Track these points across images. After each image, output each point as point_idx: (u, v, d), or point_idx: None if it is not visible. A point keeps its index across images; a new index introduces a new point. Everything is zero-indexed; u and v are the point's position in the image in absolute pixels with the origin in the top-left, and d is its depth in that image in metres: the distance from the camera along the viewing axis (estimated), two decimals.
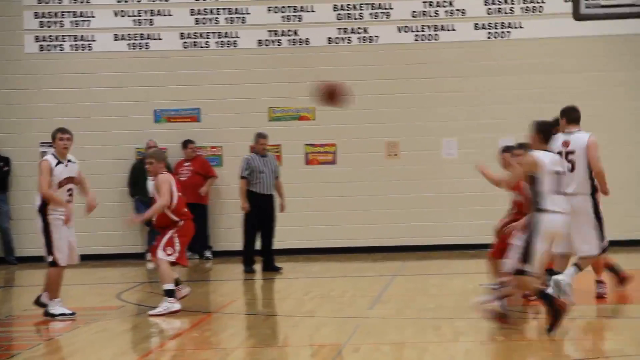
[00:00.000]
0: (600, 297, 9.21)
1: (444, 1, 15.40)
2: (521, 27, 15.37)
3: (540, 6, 15.37)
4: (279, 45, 15.34)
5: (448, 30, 15.40)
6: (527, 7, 15.48)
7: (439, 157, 14.64)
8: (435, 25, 15.45)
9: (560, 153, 8.60)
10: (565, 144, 8.77)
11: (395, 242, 14.71)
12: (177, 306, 8.97)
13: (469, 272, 12.05)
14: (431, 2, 15.39)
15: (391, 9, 15.27)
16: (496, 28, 15.55)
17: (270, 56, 15.37)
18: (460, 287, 10.70)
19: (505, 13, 15.50)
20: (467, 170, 13.74)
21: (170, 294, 9.00)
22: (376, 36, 15.28)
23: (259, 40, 15.20)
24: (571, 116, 8.94)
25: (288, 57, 15.29)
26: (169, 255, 9.30)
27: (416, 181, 15.02)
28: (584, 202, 8.76)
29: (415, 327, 8.19)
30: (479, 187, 13.37)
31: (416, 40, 15.30)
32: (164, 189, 9.32)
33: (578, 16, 13.03)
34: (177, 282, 9.28)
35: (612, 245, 10.38)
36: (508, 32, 15.51)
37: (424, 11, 15.40)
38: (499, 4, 15.53)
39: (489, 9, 15.56)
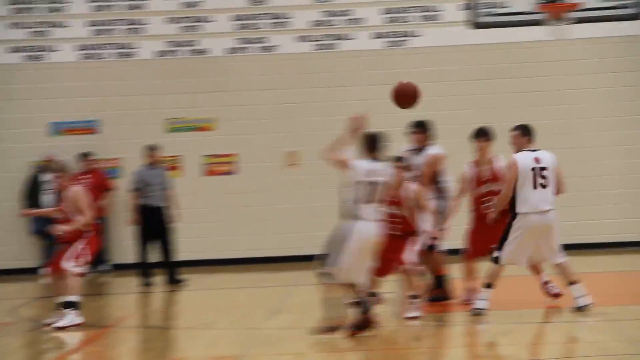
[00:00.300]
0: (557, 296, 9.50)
1: (342, 11, 15.50)
2: (418, 36, 15.55)
3: (437, 15, 15.55)
4: (177, 56, 15.49)
5: (346, 39, 15.52)
6: (424, 15, 15.65)
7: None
8: (333, 34, 15.57)
9: (534, 169, 8.91)
10: (537, 160, 8.97)
11: (295, 252, 14.83)
12: (80, 319, 8.99)
13: None
14: (329, 11, 15.53)
15: (289, 18, 15.43)
16: (394, 37, 15.64)
17: (169, 67, 15.46)
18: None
19: (403, 22, 15.66)
20: None
21: (75, 306, 8.99)
22: (275, 46, 15.41)
23: (158, 51, 15.33)
24: (529, 133, 9.13)
25: (187, 68, 15.42)
26: (78, 267, 9.23)
27: (317, 190, 15.05)
28: (555, 217, 9.03)
29: (314, 338, 8.23)
30: None
31: (315, 49, 15.45)
32: (84, 202, 9.30)
33: (475, 25, 13.73)
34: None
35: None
36: (405, 40, 15.65)
37: (323, 20, 15.52)
38: (396, 14, 15.64)
39: (386, 18, 15.66)
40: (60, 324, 8.87)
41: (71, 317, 8.89)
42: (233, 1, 15.44)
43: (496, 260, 9.09)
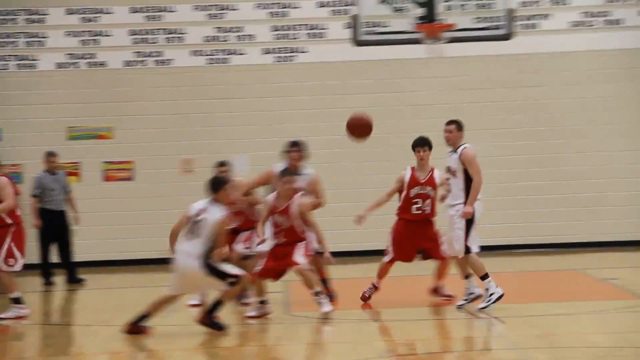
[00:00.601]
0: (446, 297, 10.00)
1: (234, 27, 15.96)
2: (306, 52, 16.14)
3: (323, 32, 16.13)
4: (77, 68, 15.66)
5: (238, 54, 16.00)
6: (311, 33, 16.16)
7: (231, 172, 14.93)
8: (226, 49, 16.02)
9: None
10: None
11: None
12: (26, 311, 9.42)
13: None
14: (222, 27, 15.97)
15: (184, 34, 15.83)
16: (283, 52, 16.20)
17: (70, 78, 15.66)
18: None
19: (291, 39, 16.20)
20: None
21: (18, 301, 9.34)
22: (170, 59, 15.81)
23: (58, 62, 15.51)
24: (463, 128, 9.77)
25: (86, 79, 15.64)
26: (11, 265, 9.49)
27: None
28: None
29: (210, 333, 8.51)
30: None
31: (208, 63, 15.89)
32: (7, 192, 9.48)
33: (357, 42, 13.45)
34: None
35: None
36: (294, 56, 16.21)
37: (215, 36, 15.94)
38: (285, 30, 16.16)
39: (275, 35, 16.20)
40: (5, 315, 9.24)
41: (15, 310, 9.27)
42: (130, 17, 15.74)
43: (469, 250, 9.47)
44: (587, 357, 7.76)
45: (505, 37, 13.32)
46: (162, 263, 14.65)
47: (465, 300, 9.66)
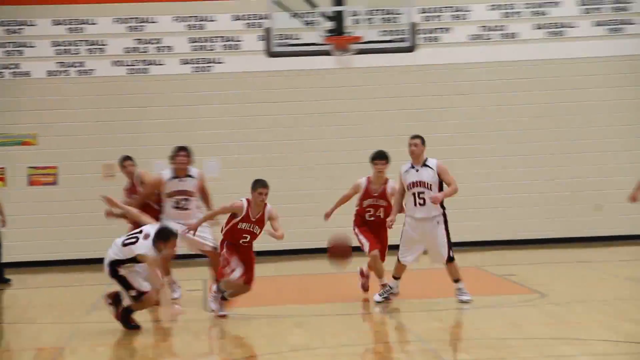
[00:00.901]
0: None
1: (153, 39, 16.48)
2: (222, 63, 16.69)
3: (238, 44, 16.73)
4: (2, 77, 16.20)
5: (157, 64, 16.51)
6: (227, 44, 16.67)
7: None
8: (145, 60, 16.51)
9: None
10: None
11: None
12: None
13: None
14: (141, 39, 16.48)
15: (105, 45, 16.29)
16: (200, 63, 16.74)
17: None
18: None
19: (208, 50, 16.70)
20: None
21: None
22: (92, 69, 16.28)
23: None
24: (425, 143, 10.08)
25: (11, 88, 16.14)
26: None
27: None
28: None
29: (129, 331, 8.86)
30: None
31: (128, 73, 16.37)
32: None
33: (270, 54, 13.72)
34: None
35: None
36: (210, 66, 16.74)
37: (135, 47, 16.44)
38: (202, 42, 16.70)
39: (193, 46, 16.73)
40: None
41: None
42: (53, 29, 16.17)
43: (452, 259, 10.12)
44: (485, 348, 8.22)
45: (409, 49, 13.74)
46: (85, 263, 15.26)
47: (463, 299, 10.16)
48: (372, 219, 10.59)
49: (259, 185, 9.21)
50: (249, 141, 16.77)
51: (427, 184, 10.10)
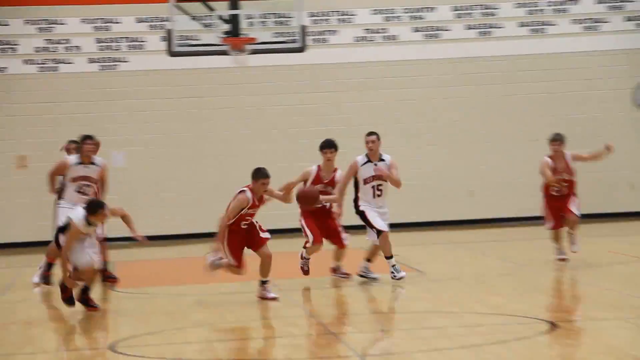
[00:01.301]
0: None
1: (62, 39, 17.35)
2: (127, 62, 17.64)
3: (142, 44, 17.66)
4: None
5: (67, 63, 17.39)
6: (132, 44, 17.61)
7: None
8: (55, 59, 17.38)
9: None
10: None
11: (26, 239, 16.80)
12: None
13: None
14: (51, 39, 17.31)
15: (17, 45, 17.18)
16: (107, 62, 17.68)
17: None
18: None
19: (114, 49, 17.66)
20: None
21: None
22: (4, 67, 17.22)
23: None
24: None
25: None
26: None
27: (43, 187, 14.70)
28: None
29: (38, 308, 9.41)
30: None
31: (39, 71, 17.24)
32: None
33: (171, 53, 14.54)
34: None
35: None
36: (116, 65, 17.70)
37: (45, 47, 17.28)
38: (109, 42, 17.61)
39: (100, 46, 17.66)
40: None
41: None
42: None
43: (379, 234, 10.25)
44: (370, 322, 8.90)
45: (300, 50, 14.61)
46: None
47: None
48: (320, 206, 10.65)
49: (261, 175, 9.21)
50: (155, 134, 17.62)
51: (382, 177, 10.54)
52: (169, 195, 17.99)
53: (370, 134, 10.72)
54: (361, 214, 10.68)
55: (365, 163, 10.61)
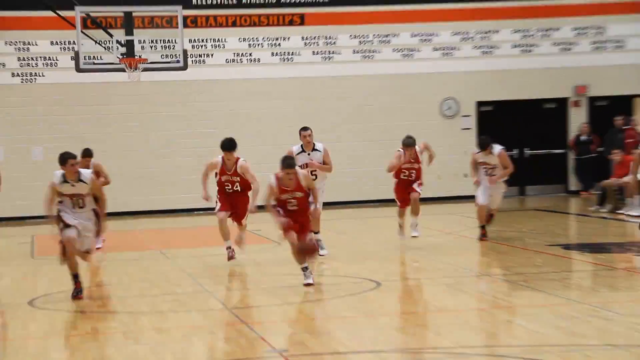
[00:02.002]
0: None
1: None
2: (43, 76, 19.87)
3: (56, 62, 19.92)
4: None
5: None
6: (47, 62, 19.82)
7: None
8: None
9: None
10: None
11: None
12: None
13: None
14: None
15: None
16: (27, 76, 19.89)
17: None
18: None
19: (33, 67, 19.82)
20: None
21: None
22: None
23: None
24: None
25: None
26: None
27: None
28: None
29: None
30: None
31: None
32: None
33: (79, 70, 16.01)
34: None
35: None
36: (35, 79, 19.93)
37: None
38: (28, 61, 19.82)
39: (20, 63, 19.77)
40: None
41: None
42: None
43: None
44: (242, 281, 10.90)
45: (183, 69, 16.25)
46: None
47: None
48: (231, 191, 11.39)
49: (286, 165, 9.53)
50: (68, 135, 19.54)
51: (316, 163, 11.78)
52: None
53: (305, 129, 11.90)
54: None
55: (299, 153, 11.71)
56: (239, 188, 11.27)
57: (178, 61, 16.28)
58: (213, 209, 11.63)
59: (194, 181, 14.89)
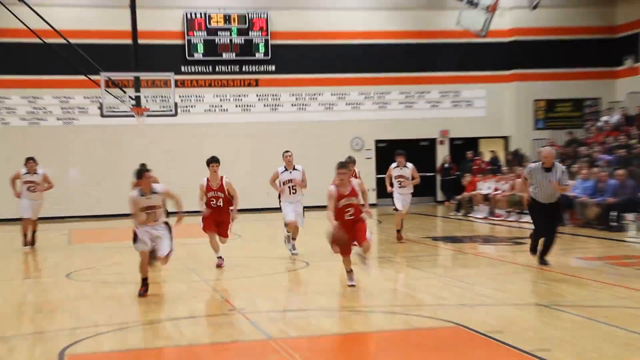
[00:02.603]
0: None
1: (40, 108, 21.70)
2: (78, 120, 21.75)
3: (88, 110, 21.65)
4: None
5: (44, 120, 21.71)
6: (81, 110, 21.77)
7: None
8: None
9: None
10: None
11: None
12: None
13: None
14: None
15: None
16: (67, 119, 21.85)
17: None
18: None
19: (72, 111, 21.79)
20: None
21: None
22: None
23: None
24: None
25: None
26: None
27: None
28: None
29: None
30: None
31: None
32: None
33: (103, 115, 16.59)
34: None
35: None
36: (75, 120, 21.71)
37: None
38: (70, 109, 21.76)
39: (64, 110, 21.87)
40: None
41: None
42: None
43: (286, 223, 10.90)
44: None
45: (173, 115, 17.35)
46: None
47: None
48: (215, 206, 10.52)
49: (339, 166, 8.50)
50: (96, 159, 21.71)
51: (297, 180, 11.19)
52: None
53: (287, 151, 11.33)
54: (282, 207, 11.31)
55: (283, 171, 11.25)
56: (221, 203, 10.52)
57: (171, 110, 17.66)
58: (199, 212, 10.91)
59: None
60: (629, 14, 24.01)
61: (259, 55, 23.33)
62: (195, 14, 22.99)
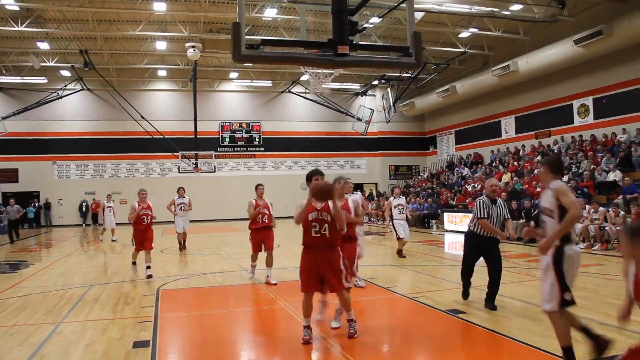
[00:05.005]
0: None
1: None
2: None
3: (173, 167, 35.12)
4: None
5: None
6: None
7: None
8: None
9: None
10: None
11: None
12: None
13: None
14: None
15: None
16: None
17: None
18: None
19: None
20: None
21: None
22: None
23: None
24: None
25: None
26: None
27: None
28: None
29: None
30: None
31: None
32: None
33: (179, 172, 24.23)
34: None
35: None
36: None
37: None
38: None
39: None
40: None
41: None
42: None
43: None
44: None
45: (213, 172, 26.24)
46: None
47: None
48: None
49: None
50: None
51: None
52: None
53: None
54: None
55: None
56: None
57: (213, 170, 27.30)
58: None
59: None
60: (431, 125, 37.44)
61: (256, 143, 34.51)
62: (225, 122, 34.54)
